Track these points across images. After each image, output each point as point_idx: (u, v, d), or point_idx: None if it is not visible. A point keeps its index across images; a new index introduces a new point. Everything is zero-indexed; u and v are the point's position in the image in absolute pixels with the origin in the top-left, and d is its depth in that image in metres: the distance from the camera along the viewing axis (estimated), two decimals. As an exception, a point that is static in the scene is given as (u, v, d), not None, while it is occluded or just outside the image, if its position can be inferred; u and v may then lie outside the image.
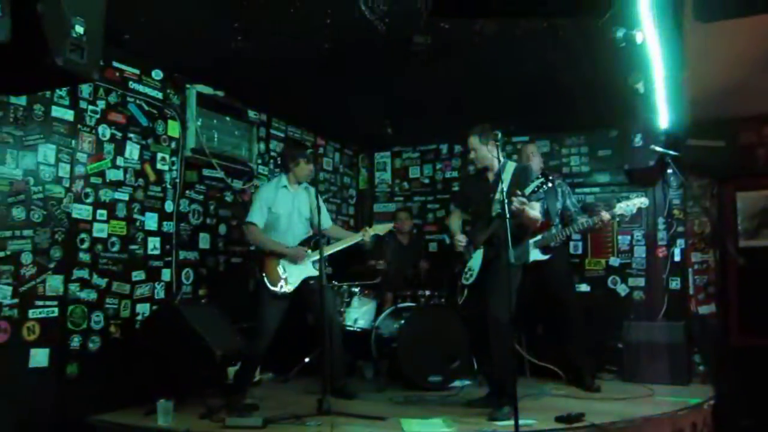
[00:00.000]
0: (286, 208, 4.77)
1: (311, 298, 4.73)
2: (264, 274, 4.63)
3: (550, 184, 3.98)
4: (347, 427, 3.68)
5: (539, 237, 5.09)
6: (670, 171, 5.60)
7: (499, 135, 3.95)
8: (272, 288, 4.61)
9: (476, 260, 4.34)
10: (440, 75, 5.00)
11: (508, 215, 3.63)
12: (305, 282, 4.74)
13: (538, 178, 4.03)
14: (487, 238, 4.26)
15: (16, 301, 3.74)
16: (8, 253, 3.73)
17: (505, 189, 3.81)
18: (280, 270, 4.66)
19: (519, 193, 3.99)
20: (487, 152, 4.21)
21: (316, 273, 4.73)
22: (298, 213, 4.83)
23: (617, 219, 5.20)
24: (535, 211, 4.11)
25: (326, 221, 4.88)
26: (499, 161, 4.00)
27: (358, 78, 5.12)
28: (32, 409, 3.73)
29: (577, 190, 6.51)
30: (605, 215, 5.02)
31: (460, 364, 5.16)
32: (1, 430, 3.51)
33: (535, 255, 4.98)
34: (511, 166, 4.33)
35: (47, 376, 3.88)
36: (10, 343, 3.69)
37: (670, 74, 4.25)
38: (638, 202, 4.99)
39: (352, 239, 4.95)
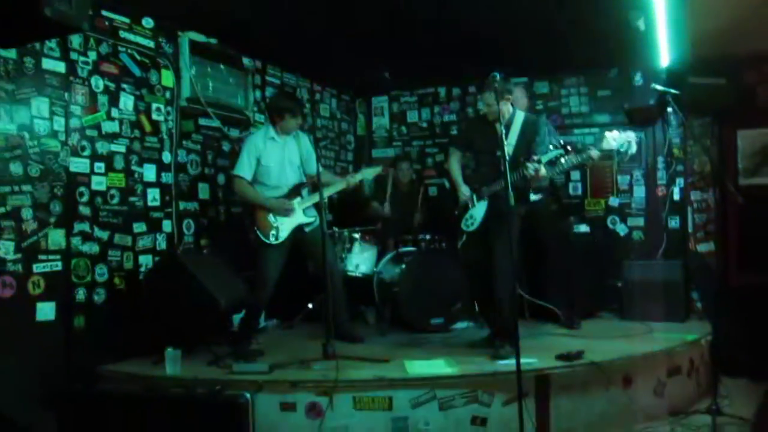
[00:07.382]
0: (276, 159, 4.71)
1: (307, 246, 4.77)
2: (255, 226, 4.64)
3: (563, 152, 4.01)
4: (352, 370, 3.75)
5: None
6: (670, 110, 5.58)
7: (513, 88, 3.98)
8: (264, 239, 4.62)
9: (479, 209, 4.40)
10: (436, 17, 4.90)
11: (523, 174, 3.87)
12: (300, 230, 4.73)
13: (556, 147, 4.08)
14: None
15: (19, 256, 3.76)
16: (8, 208, 3.72)
17: (513, 143, 3.89)
18: (270, 220, 4.64)
19: (535, 159, 4.05)
20: (501, 106, 3.95)
21: (308, 220, 4.73)
22: (289, 162, 4.76)
23: (604, 153, 5.02)
24: (545, 173, 4.14)
25: (314, 168, 4.74)
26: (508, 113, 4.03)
27: (353, 21, 5.01)
28: (41, 361, 3.78)
29: (576, 131, 6.48)
30: (593, 151, 4.88)
31: (461, 307, 5.23)
32: (12, 384, 3.57)
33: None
34: (519, 117, 4.34)
35: (55, 329, 3.93)
36: (16, 298, 3.72)
37: (671, 11, 4.17)
38: (625, 135, 4.78)
39: (337, 185, 4.86)
